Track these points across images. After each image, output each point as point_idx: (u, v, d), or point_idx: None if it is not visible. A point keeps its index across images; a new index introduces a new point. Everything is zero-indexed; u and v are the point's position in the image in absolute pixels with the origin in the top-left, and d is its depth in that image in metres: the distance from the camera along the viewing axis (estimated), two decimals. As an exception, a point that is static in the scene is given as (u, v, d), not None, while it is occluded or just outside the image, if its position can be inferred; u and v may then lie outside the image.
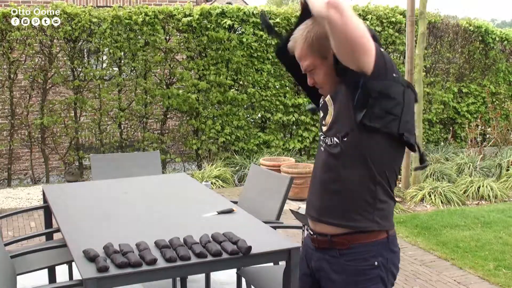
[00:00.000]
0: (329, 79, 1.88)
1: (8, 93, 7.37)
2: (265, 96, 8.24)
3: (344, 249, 1.87)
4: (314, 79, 1.91)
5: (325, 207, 1.91)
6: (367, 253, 1.86)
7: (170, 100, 7.76)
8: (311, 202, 1.99)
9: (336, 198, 1.88)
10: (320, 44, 1.83)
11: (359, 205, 1.85)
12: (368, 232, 1.86)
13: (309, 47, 1.85)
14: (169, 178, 4.51)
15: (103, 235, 2.67)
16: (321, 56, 1.85)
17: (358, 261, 1.86)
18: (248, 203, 3.63)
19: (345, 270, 1.87)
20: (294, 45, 1.91)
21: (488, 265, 4.45)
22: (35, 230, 5.36)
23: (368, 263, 1.85)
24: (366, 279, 1.86)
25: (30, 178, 7.78)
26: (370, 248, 1.86)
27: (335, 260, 1.90)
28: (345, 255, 1.87)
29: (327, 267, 1.92)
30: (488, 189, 6.52)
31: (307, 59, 1.87)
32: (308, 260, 2.03)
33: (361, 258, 1.86)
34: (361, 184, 1.84)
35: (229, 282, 3.96)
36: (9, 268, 2.71)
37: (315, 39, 1.84)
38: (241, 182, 7.40)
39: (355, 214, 1.85)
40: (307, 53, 1.86)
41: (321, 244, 1.95)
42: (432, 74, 9.25)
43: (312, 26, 1.85)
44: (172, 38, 7.91)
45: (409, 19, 6.39)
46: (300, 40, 1.87)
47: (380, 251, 1.87)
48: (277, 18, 8.13)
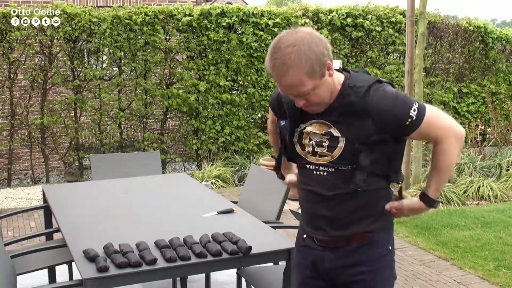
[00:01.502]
0: (326, 95, 1.83)
1: (8, 93, 7.36)
2: (265, 96, 8.24)
3: (363, 242, 1.95)
4: (307, 99, 1.81)
5: (343, 223, 1.94)
6: (382, 239, 1.97)
7: (170, 100, 7.76)
8: (318, 219, 1.97)
9: (355, 213, 1.92)
10: (321, 64, 1.75)
11: (378, 212, 1.95)
12: None
13: (308, 74, 1.73)
14: (169, 178, 4.52)
15: (103, 235, 2.67)
16: (321, 76, 1.77)
17: (377, 249, 1.95)
18: (248, 203, 3.62)
19: (367, 260, 1.94)
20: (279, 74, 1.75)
21: (488, 265, 4.44)
22: (35, 230, 5.36)
23: (384, 249, 1.97)
24: (384, 265, 1.97)
25: (30, 178, 7.78)
26: (383, 234, 1.98)
27: (353, 254, 1.95)
28: (364, 246, 1.94)
29: (346, 262, 1.95)
30: (488, 189, 6.51)
31: (306, 85, 1.75)
32: (317, 263, 2.02)
33: (378, 245, 1.96)
34: (377, 193, 1.93)
35: (229, 282, 3.96)
36: (9, 268, 2.71)
37: (316, 61, 1.73)
38: (241, 182, 7.40)
39: (374, 220, 1.95)
40: (306, 79, 1.74)
41: (335, 244, 1.97)
42: (432, 74, 9.25)
43: (302, 50, 1.71)
44: (172, 38, 7.91)
45: (409, 19, 6.39)
46: (293, 68, 1.72)
47: (388, 237, 2.00)
48: (277, 18, 8.13)
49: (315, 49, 1.72)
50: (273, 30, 8.08)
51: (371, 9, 8.67)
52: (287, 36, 1.75)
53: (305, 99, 1.81)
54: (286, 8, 8.52)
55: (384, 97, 1.81)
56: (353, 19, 8.50)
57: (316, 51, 1.72)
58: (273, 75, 1.77)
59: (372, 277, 1.94)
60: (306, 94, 1.78)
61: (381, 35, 8.69)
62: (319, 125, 1.89)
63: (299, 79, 1.73)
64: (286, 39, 1.74)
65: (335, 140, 1.85)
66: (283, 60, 1.72)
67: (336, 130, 1.85)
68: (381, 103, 1.79)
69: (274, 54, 1.74)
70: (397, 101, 1.81)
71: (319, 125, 1.89)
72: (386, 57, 8.96)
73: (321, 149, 1.89)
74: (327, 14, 8.38)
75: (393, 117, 1.79)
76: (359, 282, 1.95)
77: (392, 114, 1.79)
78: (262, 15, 8.09)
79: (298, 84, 1.75)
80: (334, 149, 1.86)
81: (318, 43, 1.74)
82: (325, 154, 1.88)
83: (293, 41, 1.72)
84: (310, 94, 1.79)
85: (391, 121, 1.80)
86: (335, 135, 1.85)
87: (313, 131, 1.90)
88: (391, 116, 1.79)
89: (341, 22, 8.41)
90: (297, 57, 1.70)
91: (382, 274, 1.96)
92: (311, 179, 1.94)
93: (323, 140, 1.88)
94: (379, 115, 1.79)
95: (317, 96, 1.80)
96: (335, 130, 1.85)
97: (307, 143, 1.92)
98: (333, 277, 1.99)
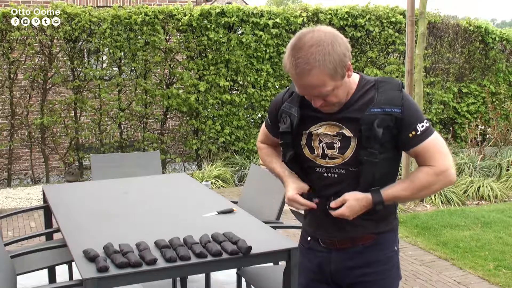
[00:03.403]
0: (344, 94, 1.83)
1: (8, 93, 7.36)
2: (265, 96, 8.24)
3: (369, 243, 1.94)
4: (325, 100, 1.79)
5: (348, 224, 1.92)
6: (388, 240, 1.96)
7: (170, 100, 7.76)
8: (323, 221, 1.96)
9: (361, 214, 1.89)
10: (343, 66, 1.73)
11: (383, 213, 1.92)
12: None
13: (331, 75, 1.71)
14: (169, 178, 4.52)
15: (103, 235, 2.67)
16: (342, 77, 1.76)
17: (383, 250, 1.94)
18: (248, 203, 3.62)
19: (373, 261, 1.93)
20: (301, 74, 1.72)
21: (488, 265, 4.44)
22: (35, 230, 5.36)
23: (390, 250, 1.96)
24: (391, 266, 1.96)
25: (30, 178, 7.78)
26: (389, 235, 1.97)
27: (360, 255, 1.94)
28: (371, 247, 1.93)
29: (352, 263, 1.94)
30: (488, 189, 6.51)
31: (328, 85, 1.73)
32: (323, 266, 2.00)
33: (385, 246, 1.95)
34: None
35: (229, 282, 3.96)
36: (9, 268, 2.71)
37: (339, 62, 1.71)
38: (241, 182, 7.40)
39: (380, 222, 1.94)
40: (329, 80, 1.72)
41: (341, 245, 1.96)
42: (432, 74, 9.25)
43: (327, 51, 1.69)
44: (172, 38, 7.91)
45: (409, 19, 6.39)
46: (317, 69, 1.69)
47: (395, 237, 1.99)
48: (277, 18, 8.13)
49: (338, 49, 1.70)
50: (273, 30, 8.08)
51: (371, 9, 8.67)
52: (309, 34, 1.71)
53: (323, 100, 1.79)
54: (286, 8, 8.52)
55: (408, 97, 1.84)
56: (353, 19, 8.50)
57: (339, 52, 1.70)
58: (293, 75, 1.74)
59: (378, 278, 1.93)
60: (326, 95, 1.76)
61: (381, 35, 8.69)
62: (329, 127, 1.88)
63: (322, 80, 1.71)
64: (309, 37, 1.70)
65: (347, 141, 1.85)
66: (307, 60, 1.68)
67: (348, 130, 1.85)
68: (409, 100, 1.83)
69: (297, 53, 1.70)
70: (415, 106, 1.84)
71: (329, 126, 1.88)
72: (386, 57, 8.96)
73: (331, 151, 1.87)
74: (327, 14, 8.38)
75: (407, 117, 1.80)
76: (365, 283, 1.94)
77: (405, 114, 1.80)
78: (262, 15, 8.09)
79: (320, 85, 1.72)
80: (346, 150, 1.85)
81: (340, 43, 1.72)
82: (335, 157, 1.87)
83: (317, 41, 1.69)
84: (330, 95, 1.77)
85: (408, 116, 1.80)
86: (347, 136, 1.85)
87: (324, 133, 1.88)
88: (404, 115, 1.80)
89: (340, 22, 8.41)
90: (321, 58, 1.68)
91: (388, 275, 1.96)
92: (320, 182, 1.93)
93: (334, 141, 1.86)
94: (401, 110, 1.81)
95: (336, 97, 1.79)
96: (347, 131, 1.85)
97: (317, 145, 1.90)
98: (338, 279, 1.98)
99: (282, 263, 2.64)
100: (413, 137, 1.81)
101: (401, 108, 1.79)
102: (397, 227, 2.01)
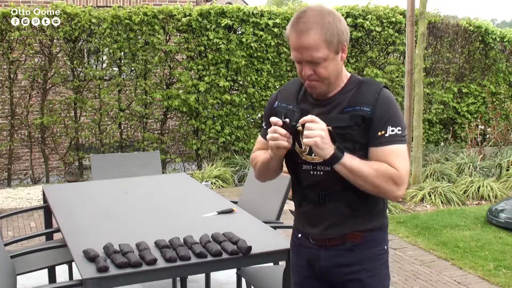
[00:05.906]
0: (334, 74, 1.85)
1: (8, 93, 7.36)
2: (265, 96, 8.24)
3: (358, 241, 1.94)
4: (315, 71, 1.82)
5: (337, 221, 1.93)
6: (377, 238, 1.97)
7: (170, 101, 7.76)
8: (312, 218, 1.97)
9: (350, 212, 1.91)
10: (339, 40, 1.81)
11: (372, 211, 1.95)
12: None
13: (326, 41, 1.78)
14: (169, 178, 4.52)
15: (103, 235, 2.67)
16: (336, 51, 1.82)
17: (372, 248, 1.95)
18: (248, 203, 3.62)
19: (362, 259, 1.94)
20: (300, 32, 1.78)
21: (488, 265, 4.44)
22: (35, 230, 5.36)
23: (380, 248, 1.96)
24: (380, 264, 1.96)
25: (30, 178, 7.78)
26: (378, 233, 1.97)
27: (349, 253, 1.94)
28: (360, 245, 1.94)
29: (341, 261, 1.95)
30: (488, 189, 6.51)
31: (320, 51, 1.78)
32: (312, 262, 2.02)
33: (373, 244, 1.95)
34: None
35: (229, 282, 3.96)
36: (9, 268, 2.71)
37: (336, 35, 1.79)
38: (241, 182, 7.40)
39: (369, 219, 1.95)
40: (323, 46, 1.78)
41: (330, 242, 1.96)
42: (432, 74, 9.25)
43: (327, 19, 1.78)
44: (172, 38, 7.90)
45: (409, 19, 6.40)
46: (315, 30, 1.77)
47: (385, 236, 2.00)
48: (277, 18, 8.13)
49: (339, 24, 1.81)
50: (273, 30, 8.08)
51: (371, 9, 8.67)
52: (315, 5, 1.83)
53: (314, 70, 1.82)
54: (286, 8, 8.52)
55: (390, 97, 1.87)
56: (353, 19, 8.50)
57: (339, 27, 1.81)
58: (292, 36, 1.80)
59: (367, 276, 1.94)
60: (317, 62, 1.80)
61: (381, 35, 8.69)
62: None
63: (317, 43, 1.77)
64: (315, 6, 1.82)
65: (331, 137, 1.84)
66: (307, 20, 1.78)
67: (330, 127, 1.85)
68: (385, 101, 1.85)
69: (301, 14, 1.80)
70: (394, 110, 1.85)
71: None
72: (386, 57, 8.97)
73: None
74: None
75: (378, 117, 1.82)
76: (354, 281, 1.94)
77: (376, 113, 1.82)
78: (262, 15, 8.09)
79: (314, 47, 1.77)
80: None
81: (342, 23, 1.83)
82: None
83: (321, 11, 1.80)
84: (321, 65, 1.80)
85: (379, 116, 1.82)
86: (330, 131, 1.85)
87: None
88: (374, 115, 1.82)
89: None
90: (321, 22, 1.77)
91: (377, 273, 1.96)
92: (307, 179, 1.95)
93: None
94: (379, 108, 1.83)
95: (326, 70, 1.82)
96: (329, 127, 1.86)
97: None
98: (328, 276, 1.99)
99: (282, 263, 2.64)
100: (380, 137, 1.82)
101: (371, 108, 1.82)
102: (386, 226, 2.02)
